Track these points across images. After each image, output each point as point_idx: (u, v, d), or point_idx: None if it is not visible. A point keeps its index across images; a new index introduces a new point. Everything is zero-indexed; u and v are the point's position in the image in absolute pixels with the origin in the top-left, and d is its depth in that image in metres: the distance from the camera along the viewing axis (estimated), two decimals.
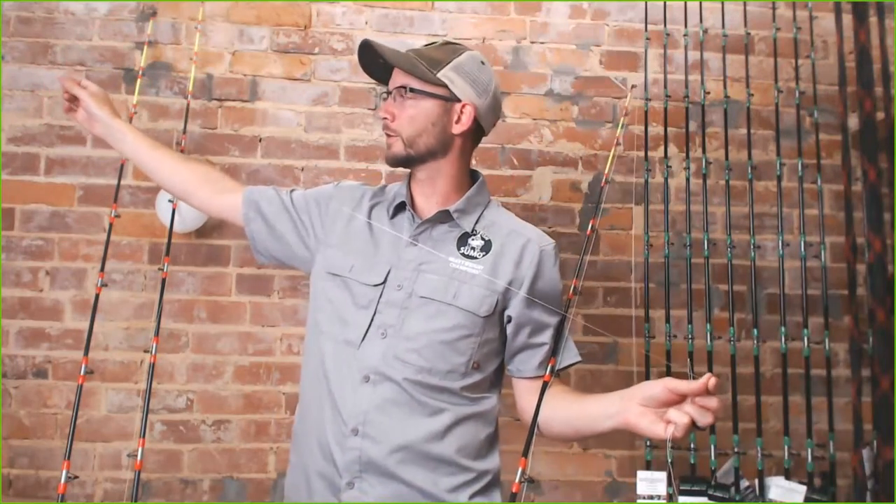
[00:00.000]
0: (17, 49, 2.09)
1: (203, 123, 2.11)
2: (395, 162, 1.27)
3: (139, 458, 1.62)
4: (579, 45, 2.24)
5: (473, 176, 1.34)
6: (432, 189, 1.29)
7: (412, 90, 1.24)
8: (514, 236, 1.28)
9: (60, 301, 2.03)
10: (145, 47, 2.06)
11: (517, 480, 1.11)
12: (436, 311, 1.20)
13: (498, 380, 1.30)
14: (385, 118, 1.25)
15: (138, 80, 1.97)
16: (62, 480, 1.48)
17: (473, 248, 1.25)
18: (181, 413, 2.02)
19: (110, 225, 1.81)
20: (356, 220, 1.32)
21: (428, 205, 1.29)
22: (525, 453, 1.13)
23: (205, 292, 2.06)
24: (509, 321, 1.26)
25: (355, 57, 2.19)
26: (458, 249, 1.25)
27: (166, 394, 2.02)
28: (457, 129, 1.27)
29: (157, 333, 1.75)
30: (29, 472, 1.96)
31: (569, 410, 1.20)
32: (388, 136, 1.27)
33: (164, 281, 1.80)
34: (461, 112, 1.26)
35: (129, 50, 2.12)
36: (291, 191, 1.39)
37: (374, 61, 1.28)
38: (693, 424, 0.98)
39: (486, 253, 1.25)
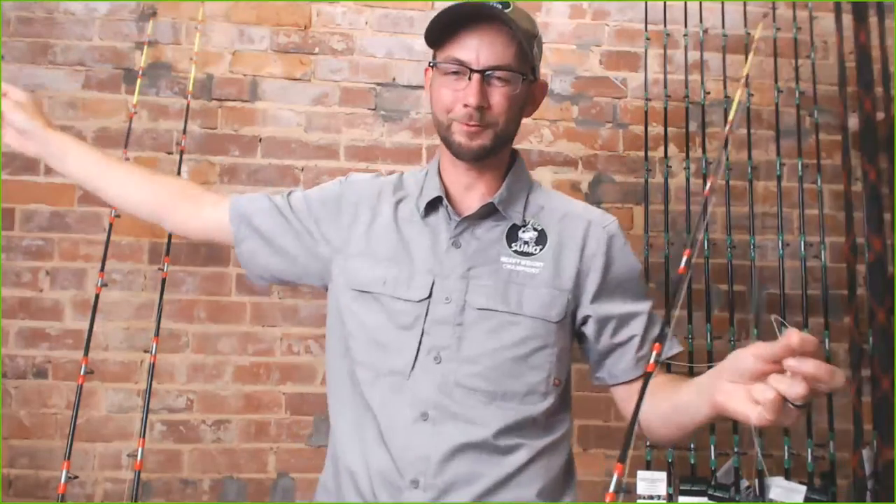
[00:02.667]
0: (17, 49, 2.08)
1: (203, 123, 2.11)
2: (479, 155, 1.03)
3: (139, 458, 1.62)
4: (579, 45, 2.24)
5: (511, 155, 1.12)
6: (478, 179, 1.08)
7: (518, 73, 1.01)
8: (570, 220, 1.07)
9: (60, 301, 2.03)
10: (145, 47, 2.05)
11: (611, 490, 0.82)
12: (499, 324, 1.00)
13: (570, 395, 1.11)
14: (481, 105, 0.99)
15: (138, 80, 1.97)
16: (62, 480, 1.48)
17: (527, 243, 1.05)
18: (181, 413, 2.02)
19: (110, 225, 1.81)
20: (379, 222, 1.09)
21: (468, 197, 1.08)
22: (621, 458, 0.85)
23: (205, 292, 2.06)
24: (585, 322, 1.06)
25: (355, 57, 2.23)
26: (510, 247, 1.04)
27: (166, 394, 2.02)
28: (529, 111, 1.08)
29: (157, 333, 1.75)
30: (29, 472, 1.96)
31: (663, 406, 0.94)
32: (475, 126, 1.01)
33: (164, 281, 1.80)
34: (538, 92, 1.09)
35: (129, 50, 2.12)
36: (288, 194, 1.16)
37: (441, 22, 1.07)
38: (786, 401, 0.69)
39: (543, 246, 1.04)
